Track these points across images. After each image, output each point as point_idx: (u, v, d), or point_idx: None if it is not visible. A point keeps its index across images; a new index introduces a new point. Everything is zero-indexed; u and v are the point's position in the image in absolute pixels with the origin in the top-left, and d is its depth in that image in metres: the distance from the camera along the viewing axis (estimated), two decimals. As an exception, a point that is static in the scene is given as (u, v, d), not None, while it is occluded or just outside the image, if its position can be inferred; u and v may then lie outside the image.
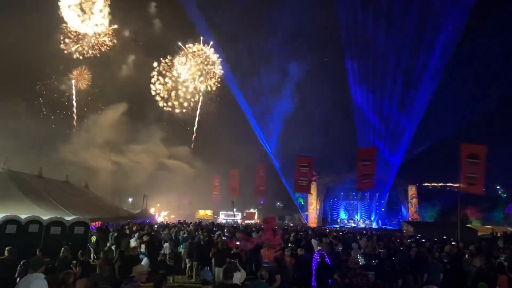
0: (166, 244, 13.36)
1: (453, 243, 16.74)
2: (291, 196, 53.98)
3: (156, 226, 21.91)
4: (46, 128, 43.22)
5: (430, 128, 52.75)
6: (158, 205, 48.72)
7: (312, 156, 24.95)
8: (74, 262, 8.37)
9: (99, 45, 50.16)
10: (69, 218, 13.06)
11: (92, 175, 43.62)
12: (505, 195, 57.89)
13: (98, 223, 18.65)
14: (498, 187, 59.10)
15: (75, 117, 50.43)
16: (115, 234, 15.33)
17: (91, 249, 15.00)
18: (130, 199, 49.98)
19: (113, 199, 40.66)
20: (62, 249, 9.34)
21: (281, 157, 54.94)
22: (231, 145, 53.43)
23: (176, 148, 55.90)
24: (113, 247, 13.81)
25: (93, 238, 15.16)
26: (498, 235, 27.78)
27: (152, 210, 45.08)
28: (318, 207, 53.08)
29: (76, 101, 50.54)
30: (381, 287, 9.30)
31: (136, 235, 14.35)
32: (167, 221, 33.75)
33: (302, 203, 55.80)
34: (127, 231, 16.62)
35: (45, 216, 12.50)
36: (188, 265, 13.37)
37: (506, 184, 56.88)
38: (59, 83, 49.61)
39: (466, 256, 11.81)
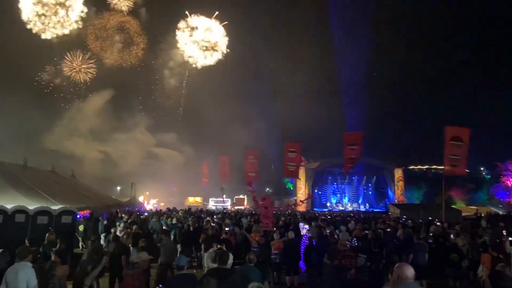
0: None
1: (438, 223, 17.16)
2: (280, 181, 54.39)
3: (146, 214, 21.89)
4: (31, 118, 42.38)
5: (417, 113, 53.40)
6: (147, 193, 48.52)
7: (300, 142, 25.12)
8: (53, 249, 8.35)
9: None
10: (56, 207, 12.92)
11: (78, 164, 43.18)
12: (489, 177, 59.19)
13: (86, 212, 18.52)
14: (482, 168, 60.34)
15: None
16: (105, 222, 15.30)
17: (79, 238, 14.95)
18: (118, 188, 49.66)
19: (101, 188, 40.41)
20: (47, 234, 9.36)
21: (271, 142, 54.98)
22: (221, 129, 53.36)
23: (163, 135, 55.47)
24: (102, 236, 13.80)
25: (81, 227, 15.08)
26: (482, 215, 28.52)
27: (141, 198, 44.91)
28: (306, 191, 53.56)
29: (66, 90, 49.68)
30: (368, 268, 9.51)
31: (121, 225, 14.25)
32: (156, 208, 33.74)
33: (291, 188, 56.26)
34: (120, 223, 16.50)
35: (31, 205, 12.35)
36: (179, 251, 13.43)
37: (490, 166, 58.04)
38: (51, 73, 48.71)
39: (452, 236, 12.10)
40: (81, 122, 50.29)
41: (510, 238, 10.76)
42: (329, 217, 24.56)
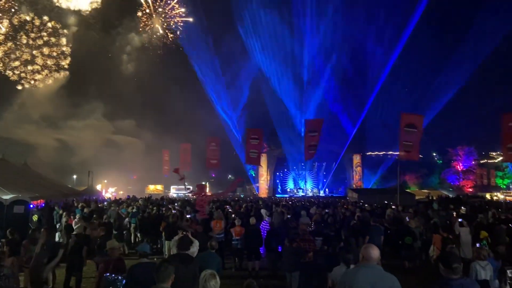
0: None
1: (393, 207, 17.93)
2: (243, 168, 54.62)
3: (105, 203, 21.32)
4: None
5: (376, 100, 54.91)
6: (105, 181, 47.21)
7: (262, 129, 25.27)
8: (3, 240, 8.01)
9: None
10: (7, 197, 12.33)
11: (31, 152, 41.19)
12: (441, 162, 62.43)
13: (40, 201, 17.79)
14: (434, 154, 63.43)
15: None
16: (61, 212, 14.75)
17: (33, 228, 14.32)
18: (74, 176, 47.95)
19: (56, 177, 38.82)
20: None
21: (233, 128, 54.98)
22: (183, 116, 52.50)
23: (121, 122, 53.87)
24: (57, 226, 13.34)
25: (35, 217, 14.45)
26: (434, 198, 30.12)
27: (98, 187, 43.66)
28: (268, 178, 54.22)
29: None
30: (326, 251, 9.81)
31: (77, 216, 13.82)
32: (115, 197, 32.92)
33: (253, 175, 56.69)
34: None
35: (-20, 196, 11.72)
36: (139, 240, 13.25)
37: (442, 151, 61.11)
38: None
39: (407, 218, 12.68)
40: (33, 108, 47.69)
41: (459, 220, 11.44)
42: (290, 202, 24.99)
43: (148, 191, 47.81)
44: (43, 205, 17.37)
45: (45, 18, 46.30)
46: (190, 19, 51.97)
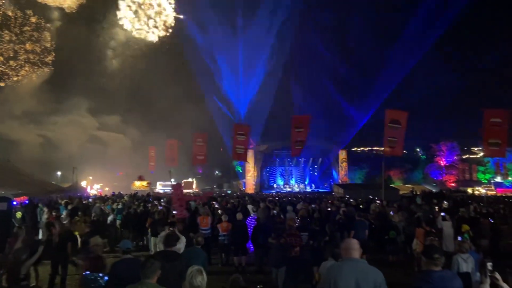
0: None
1: (377, 201, 18.17)
2: (229, 164, 54.52)
3: (90, 200, 21.09)
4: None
5: (362, 97, 55.51)
6: (90, 178, 46.64)
7: (249, 125, 25.26)
8: None
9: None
10: (-12, 194, 12.10)
11: (14, 149, 40.42)
12: (424, 157, 63.45)
13: (23, 198, 17.53)
14: (418, 149, 64.42)
15: None
16: (45, 209, 14.55)
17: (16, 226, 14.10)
18: (59, 173, 47.23)
19: (41, 173, 38.20)
20: None
21: (220, 124, 54.73)
22: (169, 112, 52.09)
23: (106, 118, 53.15)
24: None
25: (18, 214, 14.24)
26: (417, 193, 30.62)
27: (83, 183, 43.14)
28: (255, 174, 54.18)
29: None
30: (312, 246, 9.91)
31: (65, 212, 13.67)
32: (100, 194, 32.58)
33: (240, 171, 56.64)
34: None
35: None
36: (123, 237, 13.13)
37: (425, 147, 62.10)
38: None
39: (391, 213, 12.87)
40: (16, 104, 46.67)
41: (442, 214, 11.67)
42: (276, 198, 25.10)
43: (134, 187, 47.37)
44: (27, 202, 17.11)
45: (29, 12, 45.33)
46: (181, 16, 51.64)
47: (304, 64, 58.59)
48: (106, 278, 4.97)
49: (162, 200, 19.74)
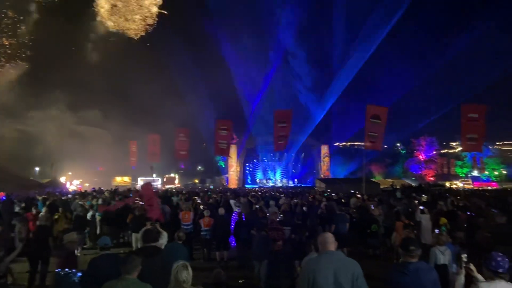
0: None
1: (358, 196, 18.43)
2: (212, 159, 54.37)
3: (70, 195, 20.73)
4: None
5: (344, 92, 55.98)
6: (70, 173, 45.80)
7: (231, 120, 25.23)
8: None
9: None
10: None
11: (-12, 144, 39.27)
12: (404, 152, 64.61)
13: (1, 195, 17.16)
14: (398, 144, 65.54)
15: None
16: (23, 205, 14.25)
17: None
18: (37, 168, 46.16)
19: (17, 169, 37.26)
20: None
21: (203, 119, 54.41)
22: (151, 107, 51.48)
23: (85, 113, 52.03)
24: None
25: (-5, 211, 13.88)
26: (397, 187, 31.18)
27: (62, 179, 42.35)
28: (238, 169, 54.21)
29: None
30: (294, 240, 9.99)
31: (44, 209, 13.39)
32: (80, 190, 32.03)
33: (223, 166, 56.55)
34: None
35: None
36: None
37: (405, 142, 63.24)
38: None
39: (372, 206, 13.07)
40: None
41: (420, 207, 11.91)
42: (259, 193, 25.16)
43: (115, 182, 46.81)
44: (4, 198, 16.75)
45: (6, 3, 43.97)
46: (165, 12, 50.85)
47: (285, 59, 58.62)
48: (79, 274, 4.90)
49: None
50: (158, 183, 49.56)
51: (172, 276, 3.66)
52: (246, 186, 50.77)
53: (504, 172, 58.66)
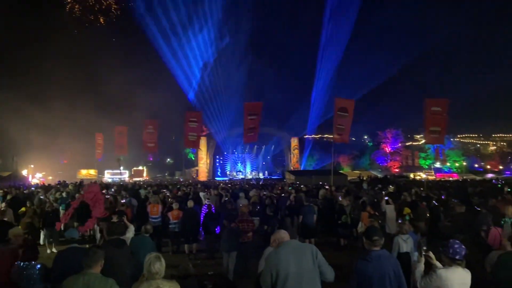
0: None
1: (326, 187, 18.76)
2: (181, 152, 53.76)
3: (33, 188, 19.96)
4: None
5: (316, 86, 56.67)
6: (32, 166, 44.08)
7: (201, 111, 25.00)
8: None
9: None
10: None
11: None
12: (371, 144, 66.33)
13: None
14: (365, 136, 67.18)
15: None
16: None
17: None
18: (-4, 161, 44.11)
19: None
20: None
21: (172, 111, 53.64)
22: (119, 98, 50.16)
23: (49, 103, 49.96)
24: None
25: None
26: (364, 179, 31.96)
27: (24, 172, 40.74)
28: (208, 161, 53.92)
29: None
30: (264, 231, 10.07)
31: (3, 204, 12.85)
32: (43, 183, 30.92)
33: (193, 158, 56.09)
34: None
35: None
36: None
37: (372, 134, 64.89)
38: None
39: (340, 198, 13.32)
40: None
41: (385, 198, 12.26)
42: (229, 185, 25.14)
43: (80, 175, 45.38)
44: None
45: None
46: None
47: (255, 52, 58.73)
48: (38, 266, 4.77)
49: (112, 189, 19.08)
50: (125, 175, 48.57)
51: (145, 269, 3.60)
52: (216, 178, 50.60)
53: (465, 163, 61.37)
